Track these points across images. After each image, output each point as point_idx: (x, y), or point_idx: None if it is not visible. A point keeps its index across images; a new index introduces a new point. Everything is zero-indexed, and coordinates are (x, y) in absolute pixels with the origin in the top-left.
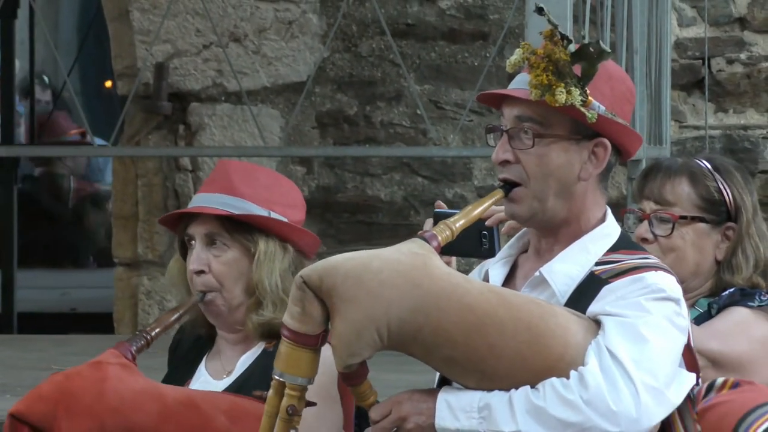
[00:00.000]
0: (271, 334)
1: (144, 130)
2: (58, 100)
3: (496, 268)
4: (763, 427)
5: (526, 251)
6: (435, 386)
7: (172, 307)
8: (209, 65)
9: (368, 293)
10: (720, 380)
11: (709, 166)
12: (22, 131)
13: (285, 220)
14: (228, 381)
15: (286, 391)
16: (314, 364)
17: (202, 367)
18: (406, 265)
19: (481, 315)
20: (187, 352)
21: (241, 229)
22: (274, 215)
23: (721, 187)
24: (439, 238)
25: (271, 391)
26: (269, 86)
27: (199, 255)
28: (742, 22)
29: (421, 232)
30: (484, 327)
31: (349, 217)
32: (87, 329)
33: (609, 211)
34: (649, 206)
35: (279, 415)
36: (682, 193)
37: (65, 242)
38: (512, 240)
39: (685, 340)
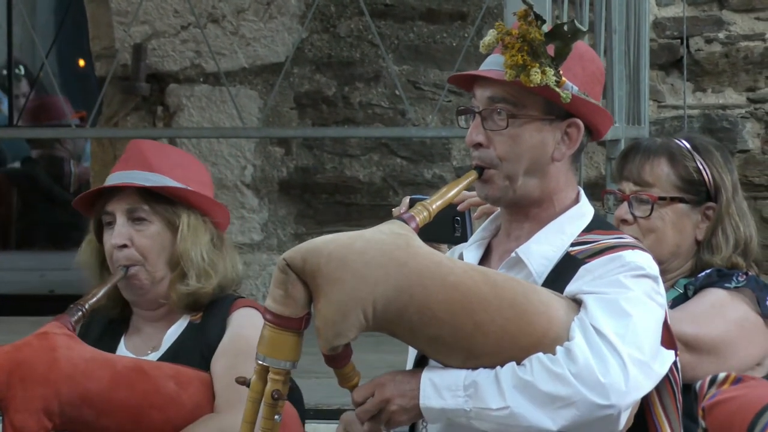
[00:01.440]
0: (196, 306)
1: (122, 111)
2: (36, 84)
3: (470, 251)
4: None
5: (495, 236)
6: (411, 367)
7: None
8: (187, 46)
9: (353, 274)
10: (722, 375)
11: (688, 145)
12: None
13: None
14: (156, 356)
15: (270, 375)
16: (298, 347)
17: (121, 346)
18: (390, 245)
19: (466, 293)
20: (101, 335)
21: (162, 202)
22: (191, 190)
23: (701, 166)
24: (417, 219)
25: (254, 377)
26: (247, 67)
27: (120, 230)
28: (721, 1)
29: (398, 213)
30: (469, 305)
31: (327, 198)
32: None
33: (582, 191)
34: (628, 187)
35: (263, 400)
36: (661, 173)
37: (67, 225)
38: (485, 223)
39: (664, 317)
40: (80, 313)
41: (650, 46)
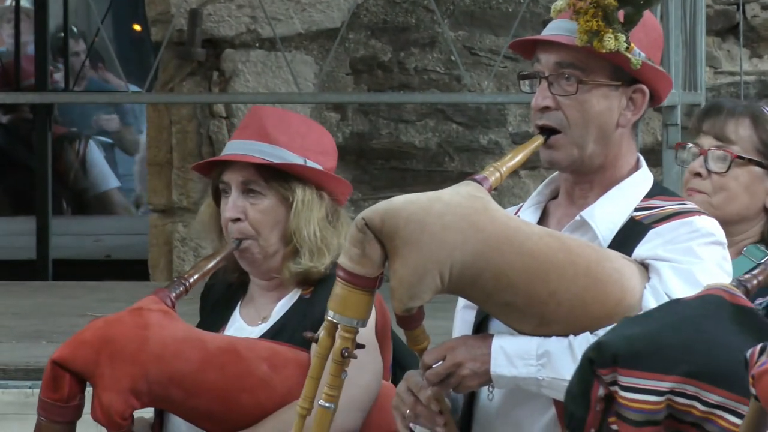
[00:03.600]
0: (307, 281)
1: (178, 76)
2: (91, 49)
3: (527, 214)
4: None
5: (555, 198)
6: (472, 331)
7: (208, 254)
8: (243, 11)
9: (431, 236)
10: None
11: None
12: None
13: (320, 167)
14: (264, 327)
15: (339, 332)
16: (369, 306)
17: (236, 313)
18: (468, 209)
19: (543, 260)
20: (219, 298)
21: (277, 177)
22: (309, 163)
23: None
24: (491, 179)
25: (323, 333)
26: (303, 32)
27: (235, 203)
28: None
29: (471, 175)
30: (545, 272)
31: (383, 163)
32: (121, 276)
33: (641, 158)
34: (708, 142)
35: (332, 357)
36: (744, 133)
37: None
38: (540, 187)
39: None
40: (182, 288)
41: (706, 12)
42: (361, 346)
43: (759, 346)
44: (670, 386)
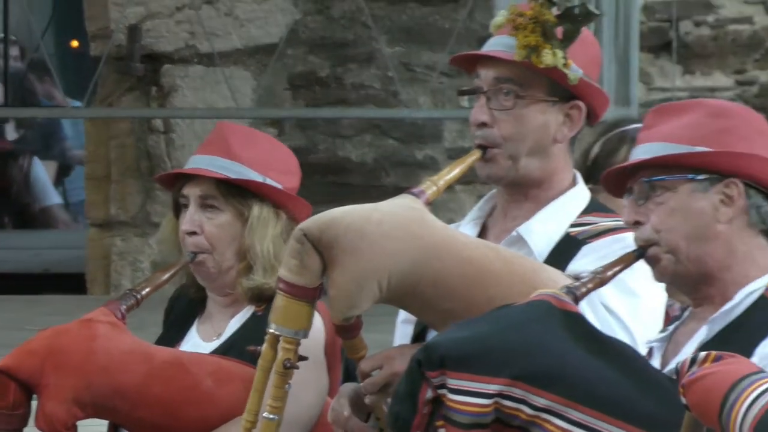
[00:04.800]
0: (261, 298)
1: (117, 91)
2: (29, 63)
3: (466, 229)
4: (754, 394)
5: (491, 213)
6: (410, 342)
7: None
8: (182, 27)
9: (370, 245)
10: (702, 354)
11: None
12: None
13: (280, 186)
14: (217, 343)
15: (282, 344)
16: (310, 317)
17: (193, 329)
18: (405, 218)
19: (480, 267)
20: (179, 314)
21: (235, 192)
22: (269, 181)
23: None
24: (427, 193)
25: (265, 345)
26: (241, 48)
27: (192, 216)
28: None
29: (408, 189)
30: (483, 279)
31: (320, 178)
32: (59, 290)
33: (578, 174)
34: None
35: (275, 369)
36: None
37: None
38: (480, 203)
39: (665, 298)
40: (133, 300)
41: (640, 29)
42: (303, 358)
43: (689, 357)
44: (498, 389)
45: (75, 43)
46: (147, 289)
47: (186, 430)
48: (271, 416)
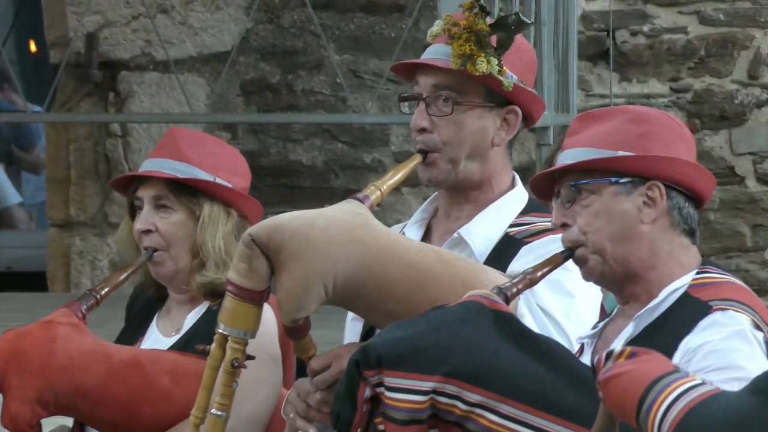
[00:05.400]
0: (215, 293)
1: (76, 97)
2: None
3: (411, 231)
4: (671, 397)
5: (435, 215)
6: (359, 340)
7: (120, 266)
8: (138, 35)
9: (315, 250)
10: (618, 349)
11: None
12: None
13: (230, 185)
14: (176, 338)
15: (230, 344)
16: (258, 318)
17: (153, 325)
18: (350, 224)
19: (422, 271)
20: (141, 310)
21: (186, 192)
22: (219, 181)
23: None
24: (372, 198)
25: (214, 345)
26: (195, 56)
27: (146, 216)
28: None
29: (354, 193)
30: (425, 282)
31: (272, 180)
32: (21, 287)
33: (516, 176)
34: None
35: (223, 368)
36: None
37: None
38: (424, 204)
39: (601, 297)
40: (93, 300)
41: (578, 38)
42: (251, 357)
43: (605, 353)
44: (432, 386)
45: (33, 48)
46: (106, 289)
47: (143, 428)
48: (219, 413)
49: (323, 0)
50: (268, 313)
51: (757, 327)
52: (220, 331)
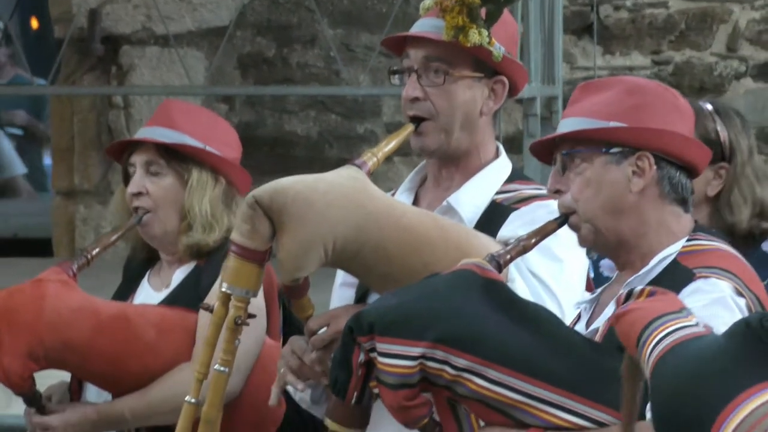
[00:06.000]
0: (200, 253)
1: (79, 71)
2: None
3: (402, 198)
4: (661, 335)
5: (423, 183)
6: (353, 303)
7: (112, 229)
8: (139, 11)
9: (316, 213)
10: (638, 289)
11: (710, 108)
12: None
13: (219, 154)
14: (165, 293)
15: (233, 302)
16: (260, 277)
17: (145, 282)
18: (349, 188)
19: (417, 235)
20: (135, 269)
21: (176, 158)
22: (209, 149)
23: (719, 128)
24: (369, 164)
25: (217, 303)
26: (194, 30)
27: (137, 180)
28: None
29: (352, 160)
30: (420, 246)
31: (268, 150)
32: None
33: (501, 146)
34: None
35: (226, 325)
36: None
37: None
38: (411, 174)
39: (587, 262)
40: (84, 260)
41: (563, 12)
42: (252, 316)
43: (626, 291)
44: (421, 351)
45: (35, 24)
46: (97, 249)
47: (131, 379)
48: (222, 368)
49: None
50: None
51: (740, 293)
52: (223, 290)
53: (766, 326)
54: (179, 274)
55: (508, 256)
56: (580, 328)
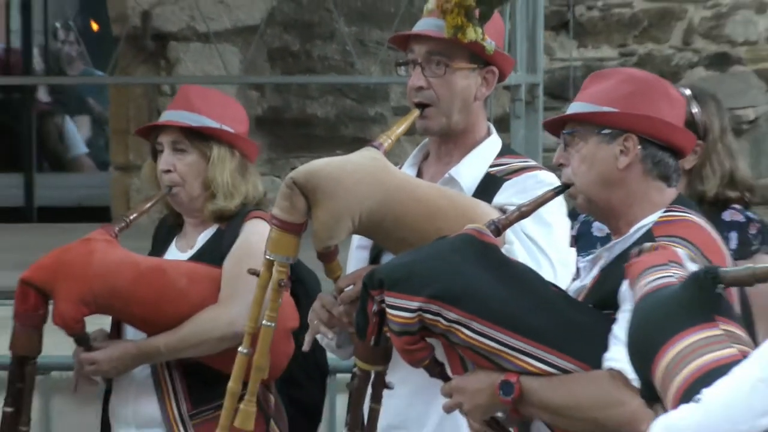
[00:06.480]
0: (222, 218)
1: (133, 64)
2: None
3: (407, 172)
4: (643, 283)
5: (425, 159)
6: (368, 263)
7: (146, 198)
8: (184, 12)
9: (345, 190)
10: (648, 245)
11: (689, 93)
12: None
13: (232, 130)
14: (191, 253)
15: (276, 267)
16: (297, 246)
17: (172, 245)
18: (372, 167)
19: (429, 205)
20: (163, 234)
21: (198, 137)
22: (224, 127)
23: (695, 110)
24: (385, 145)
25: (263, 269)
26: (230, 28)
27: (166, 158)
28: None
29: (370, 142)
30: (432, 214)
31: (293, 131)
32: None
33: (491, 125)
34: None
35: (271, 286)
36: None
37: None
38: (414, 151)
39: (569, 224)
40: (124, 224)
41: (544, 12)
42: (291, 278)
43: (638, 248)
44: (418, 305)
45: (95, 26)
46: (134, 215)
47: (165, 321)
48: (269, 323)
49: None
50: (266, 229)
51: (693, 260)
52: (267, 257)
53: (709, 277)
54: (203, 237)
55: (507, 221)
56: (580, 284)
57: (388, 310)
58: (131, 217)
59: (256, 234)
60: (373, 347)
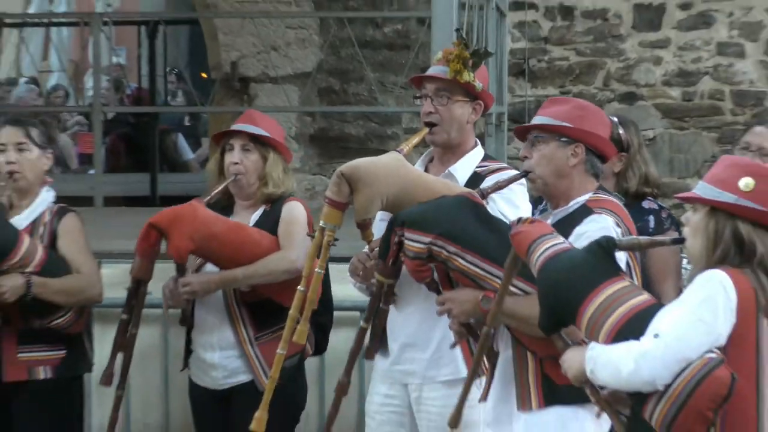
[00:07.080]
0: (269, 201)
1: (225, 99)
2: (178, 86)
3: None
4: (541, 249)
5: (430, 162)
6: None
7: (215, 183)
8: (260, 62)
9: (377, 180)
10: (525, 217)
11: (616, 120)
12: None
13: (280, 140)
14: None
15: (327, 232)
16: (341, 218)
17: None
18: (396, 165)
19: (436, 191)
20: (218, 212)
21: (259, 144)
22: (275, 138)
23: (621, 132)
24: (404, 150)
25: (317, 233)
26: (292, 73)
27: (236, 154)
28: (546, 39)
29: (395, 149)
30: (435, 195)
31: (334, 145)
32: None
33: (478, 140)
34: None
35: (323, 245)
36: None
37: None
38: (422, 157)
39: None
40: (206, 200)
41: (508, 62)
42: (336, 240)
43: (516, 219)
44: (429, 240)
45: (204, 75)
46: (211, 194)
47: (245, 259)
48: (320, 271)
49: (364, 41)
50: (301, 210)
51: (618, 225)
52: (321, 225)
53: (608, 245)
54: (254, 216)
55: (489, 191)
56: None
57: (406, 242)
58: (209, 196)
59: (295, 210)
60: (391, 266)
